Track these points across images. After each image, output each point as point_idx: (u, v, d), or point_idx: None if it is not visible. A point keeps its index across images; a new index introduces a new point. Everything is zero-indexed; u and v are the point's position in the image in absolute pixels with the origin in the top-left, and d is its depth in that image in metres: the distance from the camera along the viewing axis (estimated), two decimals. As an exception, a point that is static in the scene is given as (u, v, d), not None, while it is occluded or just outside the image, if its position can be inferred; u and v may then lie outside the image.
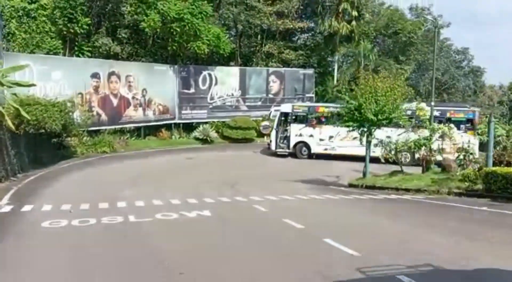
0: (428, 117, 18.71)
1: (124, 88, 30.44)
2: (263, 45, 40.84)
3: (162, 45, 33.58)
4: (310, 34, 45.79)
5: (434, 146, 16.63)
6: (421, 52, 44.37)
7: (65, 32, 28.28)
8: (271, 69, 39.09)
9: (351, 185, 17.58)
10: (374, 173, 18.30)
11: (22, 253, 7.46)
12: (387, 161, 18.12)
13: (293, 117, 26.85)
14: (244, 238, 8.50)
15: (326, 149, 25.83)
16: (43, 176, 17.97)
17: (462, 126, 23.47)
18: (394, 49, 44.25)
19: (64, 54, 28.77)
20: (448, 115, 22.86)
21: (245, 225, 9.69)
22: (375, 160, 23.15)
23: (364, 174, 17.89)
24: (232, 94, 36.00)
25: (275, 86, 39.04)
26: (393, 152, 17.70)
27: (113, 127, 29.79)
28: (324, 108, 26.85)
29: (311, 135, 26.17)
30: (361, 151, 22.80)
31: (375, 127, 17.18)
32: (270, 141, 27.18)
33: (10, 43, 26.31)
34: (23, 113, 16.27)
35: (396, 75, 17.97)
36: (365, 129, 17.15)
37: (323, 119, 26.32)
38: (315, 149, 26.06)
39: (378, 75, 17.43)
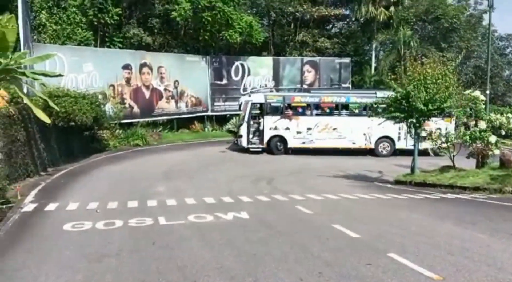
0: (483, 107, 17.09)
1: (156, 80, 29.85)
2: (297, 33, 39.58)
3: (194, 36, 32.84)
4: (345, 21, 44.27)
5: (492, 139, 15.08)
6: (464, 39, 42.09)
7: (95, 23, 27.84)
8: (305, 59, 37.81)
9: (398, 182, 16.20)
10: (421, 169, 16.91)
11: (30, 269, 6.37)
12: (436, 154, 16.69)
13: (267, 108, 23.91)
14: (292, 250, 7.09)
15: (304, 143, 23.69)
16: (74, 170, 17.40)
17: None
18: (435, 36, 42.14)
19: (95, 46, 28.33)
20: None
21: (290, 231, 8.32)
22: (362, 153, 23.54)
23: (413, 170, 16.50)
24: (266, 85, 34.91)
25: (309, 76, 37.77)
26: (444, 145, 16.23)
27: (145, 120, 29.32)
28: (300, 97, 24.64)
29: (287, 128, 23.56)
30: (341, 143, 23.67)
31: (424, 118, 15.80)
32: (239, 136, 24.02)
33: (41, 35, 25.97)
34: (52, 104, 15.65)
35: (445, 62, 16.45)
36: (414, 120, 15.78)
37: (300, 110, 24.05)
38: (292, 143, 23.67)
39: (424, 61, 15.97)
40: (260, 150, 23.59)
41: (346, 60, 39.13)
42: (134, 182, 14.95)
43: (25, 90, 16.41)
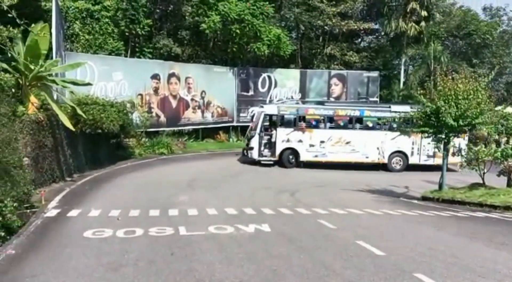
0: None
1: (184, 90, 30.10)
2: (325, 47, 39.44)
3: (223, 48, 33.08)
4: (374, 35, 43.88)
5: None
6: (497, 55, 41.18)
7: (127, 34, 28.33)
8: (333, 72, 37.59)
9: (425, 198, 15.78)
10: (449, 185, 16.41)
11: (47, 276, 6.34)
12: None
13: (280, 120, 23.07)
14: (314, 266, 6.85)
15: (316, 156, 22.93)
16: (99, 177, 17.58)
17: None
18: (466, 51, 41.41)
19: (125, 56, 28.81)
20: None
21: (312, 247, 8.06)
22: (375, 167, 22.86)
23: (440, 186, 16.04)
24: (292, 97, 34.69)
25: (336, 89, 37.48)
26: (473, 162, 15.71)
27: (171, 129, 29.55)
28: (314, 110, 23.77)
29: (300, 141, 22.81)
30: (354, 157, 23.09)
31: (454, 134, 15.37)
32: (250, 148, 23.10)
33: (74, 44, 26.56)
34: (79, 111, 15.92)
35: (477, 78, 16.02)
36: (443, 136, 15.37)
37: (313, 123, 23.32)
38: (305, 156, 22.88)
39: (455, 76, 15.58)
40: (271, 162, 22.83)
41: (375, 74, 38.72)
42: (157, 190, 14.99)
43: (55, 97, 16.74)
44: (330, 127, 23.33)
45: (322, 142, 22.92)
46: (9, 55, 14.19)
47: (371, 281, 6.24)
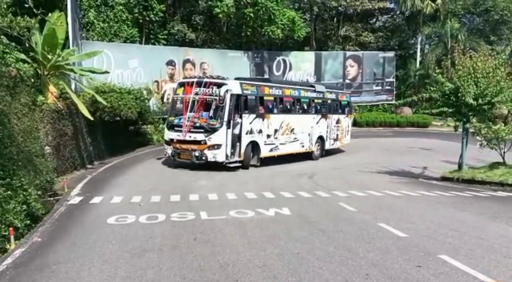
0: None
1: (199, 75, 30.03)
2: (340, 28, 39.02)
3: (236, 32, 32.89)
4: (390, 15, 43.24)
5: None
6: (515, 31, 40.25)
7: (141, 20, 28.32)
8: (348, 53, 37.25)
9: (444, 178, 15.68)
10: (468, 165, 16.23)
11: (73, 262, 6.43)
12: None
13: (244, 103, 16.61)
14: (336, 249, 6.85)
15: (271, 150, 17.99)
16: (119, 164, 17.79)
17: None
18: (484, 29, 40.55)
19: (140, 42, 28.85)
20: None
21: (333, 229, 8.10)
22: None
23: (460, 166, 15.90)
24: (307, 80, 34.52)
25: (352, 70, 37.19)
26: (493, 141, 15.47)
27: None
28: (269, 89, 18.10)
29: (260, 131, 17.27)
30: (295, 147, 19.12)
31: (474, 113, 15.16)
32: (212, 147, 15.71)
33: (89, 33, 26.65)
34: (99, 99, 16.05)
35: (496, 55, 15.73)
36: (462, 116, 15.18)
37: (270, 106, 17.94)
38: (264, 151, 17.53)
39: (473, 54, 15.29)
40: (238, 164, 16.60)
41: (391, 54, 38.27)
42: (177, 175, 15.10)
43: (73, 86, 16.90)
44: (281, 111, 18.56)
45: (276, 130, 18.08)
46: (27, 45, 14.32)
47: (395, 263, 6.24)
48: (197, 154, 15.81)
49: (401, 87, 39.57)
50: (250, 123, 16.81)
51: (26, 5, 9.29)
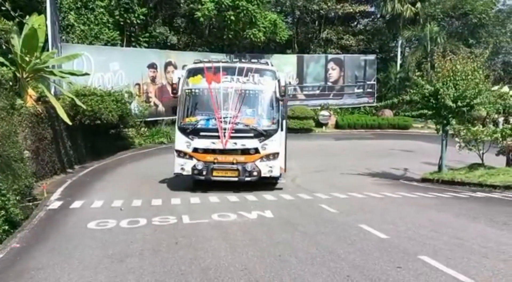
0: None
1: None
2: (321, 31, 39.31)
3: (218, 35, 32.87)
4: (370, 18, 43.75)
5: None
6: (493, 35, 41.02)
7: (122, 23, 28.12)
8: (330, 56, 37.55)
9: (425, 180, 15.88)
10: (448, 166, 16.46)
11: (53, 268, 6.30)
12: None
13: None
14: (318, 251, 6.87)
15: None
16: (100, 168, 17.61)
17: None
18: (463, 32, 41.30)
19: (121, 45, 28.64)
20: None
21: (315, 231, 8.11)
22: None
23: (440, 167, 16.11)
24: (289, 83, 34.58)
25: (334, 73, 37.49)
26: (472, 143, 15.71)
27: (170, 118, 29.40)
28: None
29: None
30: None
31: (453, 115, 15.38)
32: (271, 157, 12.30)
33: (70, 35, 26.35)
34: (79, 102, 15.89)
35: (475, 57, 15.99)
36: (442, 118, 15.39)
37: None
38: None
39: (452, 57, 15.53)
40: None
41: (372, 57, 38.67)
42: (159, 179, 14.97)
43: (52, 90, 16.68)
44: None
45: None
46: (5, 48, 14.11)
47: (375, 265, 6.27)
48: (248, 167, 11.96)
49: (382, 90, 39.96)
50: None
51: (3, 8, 9.16)
